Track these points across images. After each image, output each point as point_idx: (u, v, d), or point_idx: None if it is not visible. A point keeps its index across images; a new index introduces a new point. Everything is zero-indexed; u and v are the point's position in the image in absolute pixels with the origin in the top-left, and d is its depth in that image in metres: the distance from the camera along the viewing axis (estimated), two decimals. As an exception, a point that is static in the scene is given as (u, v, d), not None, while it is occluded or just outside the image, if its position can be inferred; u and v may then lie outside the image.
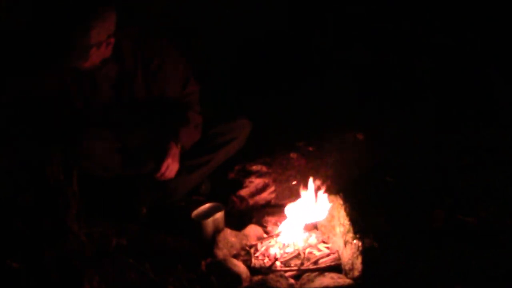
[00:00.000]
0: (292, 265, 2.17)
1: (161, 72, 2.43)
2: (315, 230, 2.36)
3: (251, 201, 2.60)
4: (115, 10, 2.20)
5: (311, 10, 3.61)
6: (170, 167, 2.40)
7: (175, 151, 2.42)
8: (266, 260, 2.21)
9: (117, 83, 2.40)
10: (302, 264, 2.15)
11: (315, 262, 2.15)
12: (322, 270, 2.10)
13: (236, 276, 2.05)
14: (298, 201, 2.35)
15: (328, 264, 2.13)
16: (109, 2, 2.19)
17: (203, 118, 2.59)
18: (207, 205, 2.40)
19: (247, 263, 2.19)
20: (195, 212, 2.35)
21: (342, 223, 2.15)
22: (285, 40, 3.57)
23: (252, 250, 2.26)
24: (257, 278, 2.10)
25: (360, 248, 1.98)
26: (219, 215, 2.33)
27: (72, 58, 2.21)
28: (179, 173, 2.48)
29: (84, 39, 2.14)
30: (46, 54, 2.23)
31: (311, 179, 2.33)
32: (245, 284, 2.06)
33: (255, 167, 2.74)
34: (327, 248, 2.24)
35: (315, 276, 2.05)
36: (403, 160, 2.68)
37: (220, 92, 3.19)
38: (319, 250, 2.24)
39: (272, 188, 2.67)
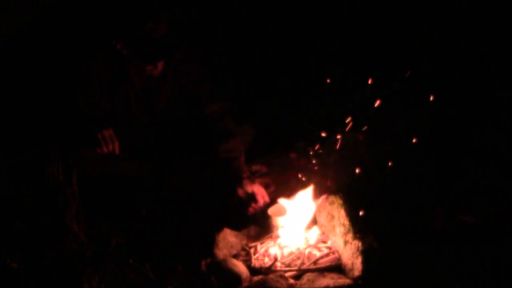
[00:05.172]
0: (292, 265, 2.17)
1: (188, 83, 2.54)
2: (315, 230, 2.36)
3: (251, 201, 2.60)
4: None
5: (311, 11, 3.61)
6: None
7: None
8: (266, 260, 2.20)
9: (143, 92, 2.50)
10: (302, 264, 2.15)
11: (315, 262, 2.15)
12: (322, 270, 2.09)
13: (236, 276, 2.05)
14: (298, 201, 2.35)
15: (328, 264, 2.13)
16: None
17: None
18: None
19: (247, 263, 2.18)
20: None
21: (342, 223, 2.15)
22: (285, 40, 3.57)
23: (252, 250, 2.26)
24: (257, 278, 2.10)
25: (360, 248, 1.97)
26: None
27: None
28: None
29: None
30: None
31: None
32: (245, 284, 2.05)
33: (255, 167, 2.74)
34: (327, 248, 2.24)
35: (315, 276, 2.04)
36: (403, 160, 2.67)
37: (220, 92, 3.18)
38: (319, 250, 2.23)
39: (272, 188, 2.66)
